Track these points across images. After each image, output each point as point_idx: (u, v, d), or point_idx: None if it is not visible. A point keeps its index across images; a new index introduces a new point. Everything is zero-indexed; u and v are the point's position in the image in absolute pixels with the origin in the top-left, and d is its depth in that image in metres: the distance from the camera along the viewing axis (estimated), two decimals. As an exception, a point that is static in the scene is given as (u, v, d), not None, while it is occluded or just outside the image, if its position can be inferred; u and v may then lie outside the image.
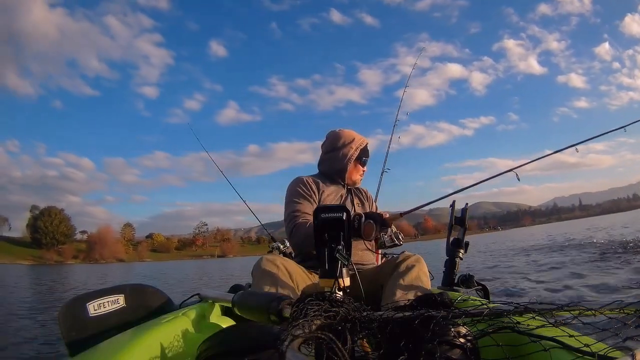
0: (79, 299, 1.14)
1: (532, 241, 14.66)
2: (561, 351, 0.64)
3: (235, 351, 0.59)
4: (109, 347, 0.87)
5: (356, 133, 1.69)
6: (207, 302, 1.31)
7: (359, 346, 0.76)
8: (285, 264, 1.23)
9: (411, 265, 1.24)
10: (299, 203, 1.51)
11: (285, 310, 0.73)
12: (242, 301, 0.88)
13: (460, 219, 1.65)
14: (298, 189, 1.56)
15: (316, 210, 0.91)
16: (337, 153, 1.65)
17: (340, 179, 1.67)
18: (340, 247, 0.87)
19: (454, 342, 0.66)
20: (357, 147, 1.65)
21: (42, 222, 60.79)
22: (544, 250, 9.60)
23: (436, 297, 0.93)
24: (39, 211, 64.44)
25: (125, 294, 1.22)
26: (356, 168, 1.68)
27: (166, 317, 1.10)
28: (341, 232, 0.88)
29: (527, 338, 0.67)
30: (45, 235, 60.05)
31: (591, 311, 0.64)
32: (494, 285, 4.43)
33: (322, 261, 0.88)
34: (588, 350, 0.60)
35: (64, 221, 63.74)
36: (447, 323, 0.65)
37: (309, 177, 1.64)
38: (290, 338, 0.50)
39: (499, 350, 0.66)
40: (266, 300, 0.78)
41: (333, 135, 1.70)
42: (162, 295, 1.34)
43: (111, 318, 1.15)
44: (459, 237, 1.68)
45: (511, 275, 5.42)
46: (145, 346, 0.86)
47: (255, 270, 1.22)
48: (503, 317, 0.67)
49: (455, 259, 1.65)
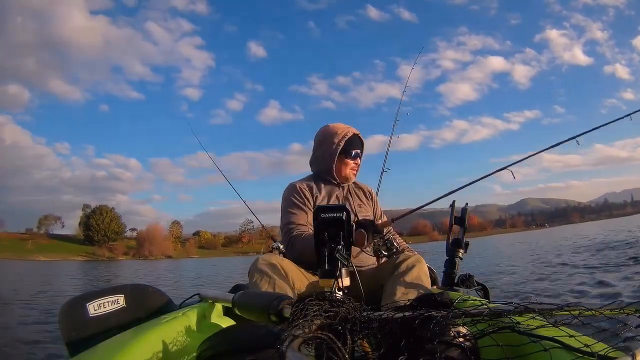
0: (79, 299, 1.14)
1: (577, 239, 14.14)
2: (561, 351, 0.64)
3: (235, 351, 0.59)
4: (109, 347, 0.86)
5: (343, 125, 1.59)
6: (207, 302, 1.30)
7: (359, 346, 0.75)
8: (282, 263, 1.23)
9: (411, 266, 1.24)
10: (294, 214, 1.49)
11: (285, 310, 0.73)
12: (242, 301, 0.88)
13: (460, 219, 1.65)
14: (292, 198, 1.53)
15: (316, 210, 0.91)
16: (322, 150, 1.59)
17: (332, 178, 1.60)
18: (340, 247, 0.87)
19: (454, 342, 0.66)
20: (341, 139, 1.55)
21: (94, 220, 63.54)
22: (583, 249, 9.30)
23: (436, 297, 0.93)
24: (90, 210, 67.12)
25: (125, 294, 1.22)
26: (344, 163, 1.58)
27: (166, 317, 1.10)
28: (341, 232, 0.88)
29: (527, 338, 0.67)
30: (97, 233, 62.71)
31: (591, 311, 0.64)
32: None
33: (322, 261, 0.88)
34: (588, 350, 0.60)
35: (115, 219, 66.18)
36: (447, 323, 0.65)
37: (302, 182, 1.60)
38: (291, 338, 0.50)
39: (499, 350, 0.66)
40: (266, 300, 0.78)
41: (318, 132, 1.63)
42: (162, 295, 1.34)
43: (111, 318, 1.15)
44: (459, 237, 1.67)
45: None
46: (145, 346, 0.86)
47: (251, 270, 1.22)
48: (503, 317, 0.67)
49: (455, 259, 1.65)
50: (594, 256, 7.39)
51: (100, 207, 66.84)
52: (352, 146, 1.58)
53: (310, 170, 1.70)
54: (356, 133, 1.60)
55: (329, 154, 1.57)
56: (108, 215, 64.92)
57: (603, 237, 13.03)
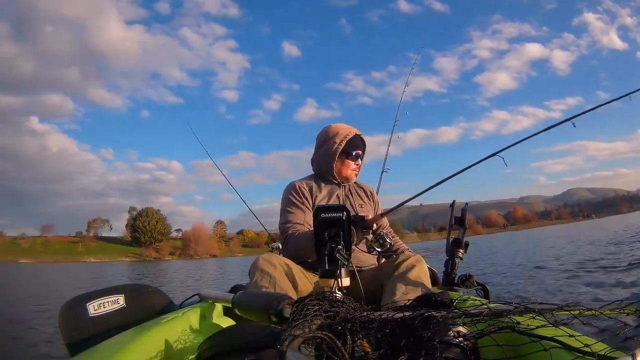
0: (79, 299, 1.14)
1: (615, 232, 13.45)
2: (561, 351, 0.64)
3: (235, 351, 0.59)
4: (109, 347, 0.87)
5: (345, 125, 1.60)
6: (207, 302, 1.30)
7: (359, 346, 0.76)
8: (282, 263, 1.23)
9: (411, 266, 1.24)
10: (291, 213, 1.50)
11: (285, 310, 0.73)
12: (242, 301, 0.88)
13: (460, 218, 1.65)
14: (290, 197, 1.54)
15: (316, 210, 0.91)
16: (323, 150, 1.60)
17: (333, 178, 1.61)
18: (341, 247, 0.87)
19: (454, 342, 0.66)
20: (342, 140, 1.55)
21: (140, 222, 66.07)
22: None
23: (436, 297, 0.93)
24: (136, 212, 70.06)
25: (125, 294, 1.22)
26: (345, 163, 1.59)
27: (166, 317, 1.10)
28: (341, 231, 0.88)
29: (527, 338, 0.67)
30: (143, 234, 65.31)
31: (591, 311, 0.64)
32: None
33: (322, 261, 0.88)
34: (588, 350, 0.60)
35: (161, 221, 68.77)
36: (447, 323, 0.65)
37: (302, 181, 1.60)
38: (291, 338, 0.50)
39: (499, 350, 0.66)
40: (266, 300, 0.78)
41: (321, 132, 1.64)
42: (162, 295, 1.34)
43: (111, 318, 1.15)
44: (459, 237, 1.67)
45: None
46: (145, 346, 0.86)
47: (252, 270, 1.22)
48: (503, 317, 0.67)
49: (455, 258, 1.65)
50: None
51: (146, 209, 69.61)
52: (353, 147, 1.59)
53: (312, 170, 1.70)
54: (358, 134, 1.60)
55: (329, 154, 1.57)
56: (154, 217, 67.34)
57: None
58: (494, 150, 1.32)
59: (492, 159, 1.31)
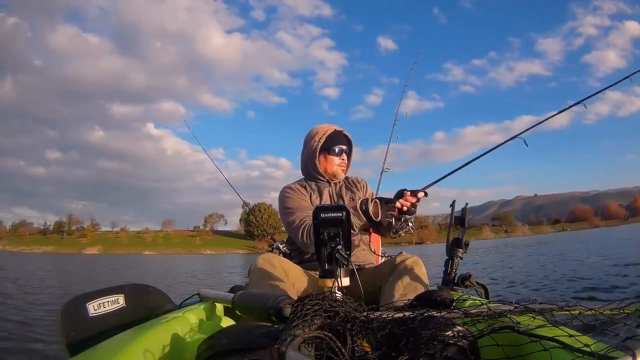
0: (79, 299, 1.13)
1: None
2: (561, 351, 0.64)
3: (235, 351, 0.59)
4: (108, 347, 0.86)
5: (326, 124, 1.63)
6: (207, 302, 1.30)
7: (359, 346, 0.76)
8: (282, 263, 1.23)
9: (410, 267, 1.24)
10: (291, 208, 1.50)
11: (285, 310, 0.73)
12: (242, 301, 0.88)
13: (460, 218, 1.65)
14: (286, 197, 1.55)
15: (316, 210, 0.91)
16: (305, 151, 1.63)
17: (320, 176, 1.62)
18: (340, 247, 0.87)
19: (454, 342, 0.66)
20: (321, 137, 1.57)
21: (253, 217, 67.80)
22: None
23: (436, 297, 0.93)
24: (250, 207, 70.63)
25: (125, 294, 1.21)
26: (328, 159, 1.60)
27: (166, 317, 1.10)
28: (340, 231, 0.88)
29: (527, 338, 0.67)
30: (256, 228, 67.21)
31: (591, 311, 0.64)
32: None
33: (322, 261, 0.88)
34: (588, 350, 0.60)
35: (273, 215, 70.20)
36: (447, 323, 0.65)
37: (294, 184, 1.62)
38: (291, 338, 0.50)
39: (499, 350, 0.66)
40: (266, 300, 0.78)
41: (305, 136, 1.68)
42: (162, 295, 1.34)
43: (111, 318, 1.15)
44: (459, 237, 1.67)
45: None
46: (145, 346, 0.86)
47: (251, 270, 1.22)
48: (503, 317, 0.67)
49: (455, 258, 1.65)
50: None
51: (259, 205, 72.09)
52: (335, 142, 1.60)
53: (302, 175, 1.72)
54: (338, 130, 1.61)
55: (311, 152, 1.60)
56: (266, 211, 69.22)
57: None
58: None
59: (522, 140, 1.29)
